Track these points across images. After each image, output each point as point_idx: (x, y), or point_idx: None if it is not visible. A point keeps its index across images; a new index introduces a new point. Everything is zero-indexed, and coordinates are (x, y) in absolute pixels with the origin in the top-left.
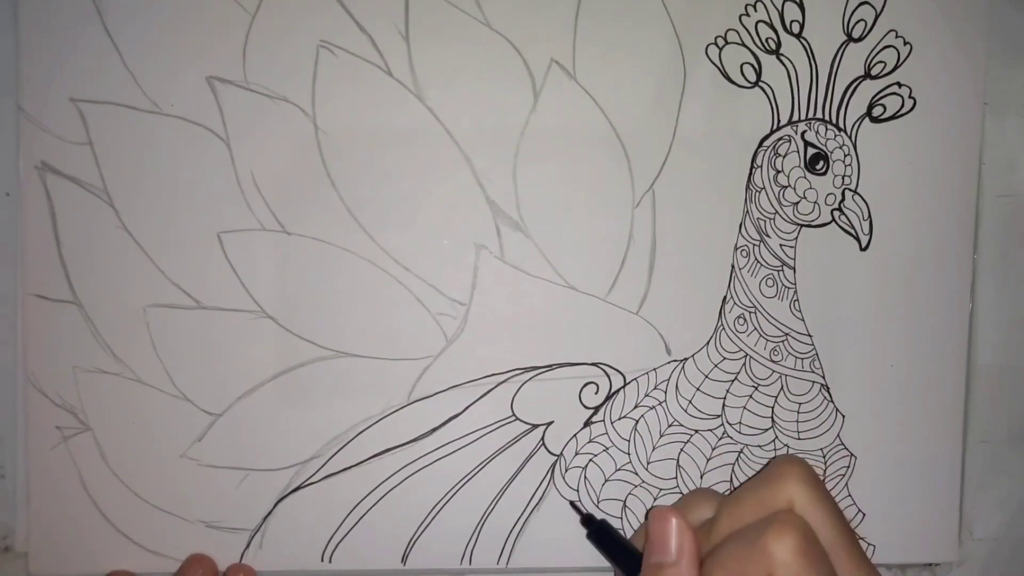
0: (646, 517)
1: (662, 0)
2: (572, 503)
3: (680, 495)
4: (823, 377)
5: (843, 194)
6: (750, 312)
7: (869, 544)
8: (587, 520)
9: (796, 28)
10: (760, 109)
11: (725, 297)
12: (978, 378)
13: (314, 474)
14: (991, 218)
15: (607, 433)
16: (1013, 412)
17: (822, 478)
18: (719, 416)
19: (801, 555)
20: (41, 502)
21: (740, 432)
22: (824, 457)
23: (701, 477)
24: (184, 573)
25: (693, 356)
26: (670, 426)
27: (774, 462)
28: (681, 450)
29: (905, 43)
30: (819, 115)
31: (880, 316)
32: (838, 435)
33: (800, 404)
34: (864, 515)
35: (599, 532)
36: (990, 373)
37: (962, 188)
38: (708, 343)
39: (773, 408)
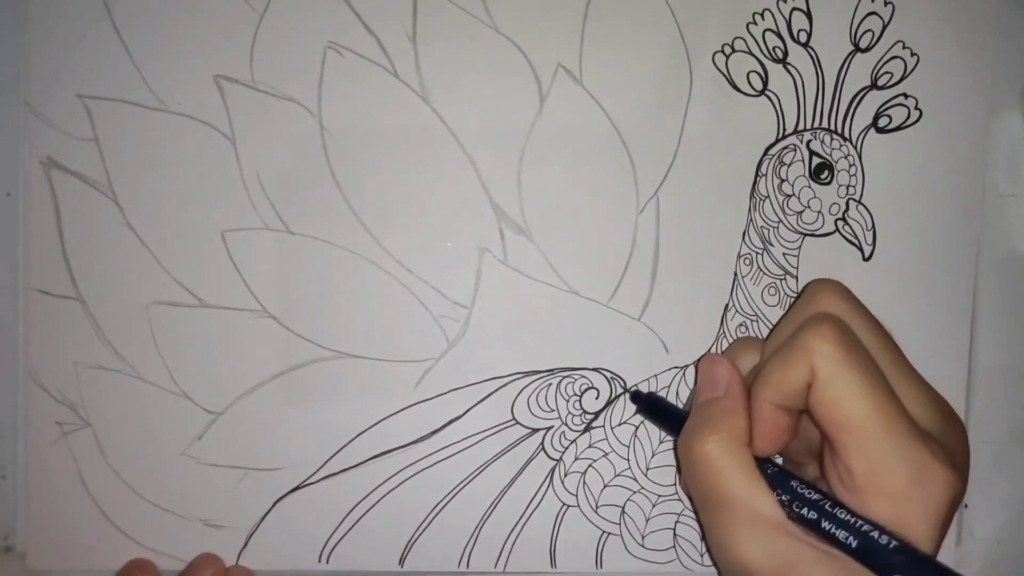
0: (696, 369)
1: (669, 7)
2: (625, 390)
3: (679, 502)
4: None
5: (847, 204)
6: (752, 320)
7: None
8: (635, 396)
9: (803, 37)
10: (766, 117)
11: (727, 305)
12: (979, 379)
13: (313, 474)
14: (993, 217)
15: (607, 439)
16: (1014, 412)
17: None
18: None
19: (840, 345)
20: (39, 497)
21: None
22: None
23: None
24: (193, 571)
25: (695, 363)
26: None
27: (806, 286)
28: None
29: (912, 54)
30: (825, 125)
31: None
32: None
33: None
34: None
35: (649, 404)
36: (991, 374)
37: (967, 200)
38: (709, 350)
39: None
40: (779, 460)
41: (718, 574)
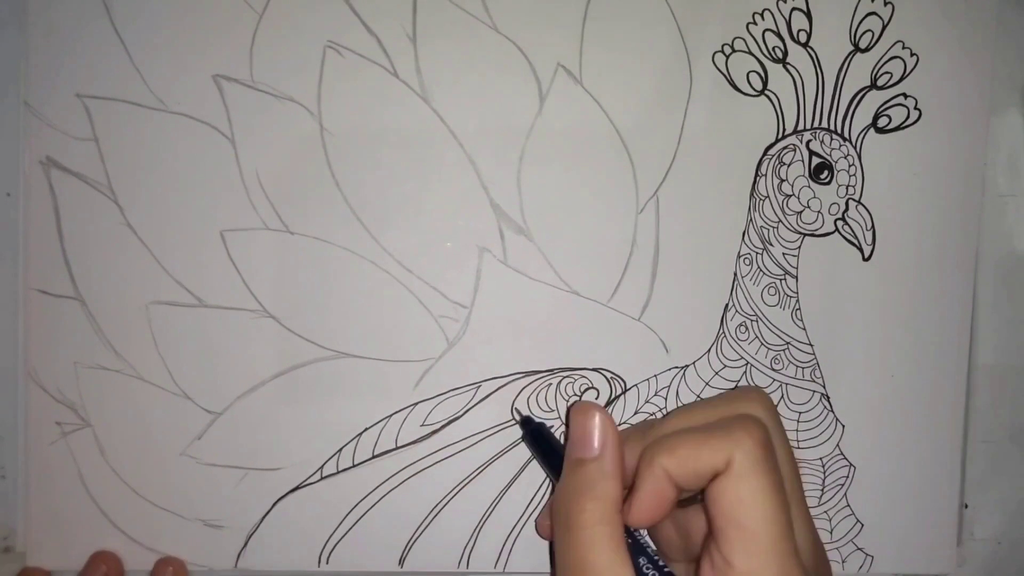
0: (567, 415)
1: (669, 7)
2: (516, 410)
3: None
4: (823, 386)
5: (847, 204)
6: (752, 320)
7: (867, 555)
8: (525, 422)
9: (803, 37)
10: (765, 117)
11: (727, 305)
12: (979, 378)
13: (313, 474)
14: (993, 217)
15: None
16: (1014, 412)
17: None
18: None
19: (764, 449)
20: (39, 497)
21: None
22: (823, 467)
23: None
24: (87, 572)
25: (694, 363)
26: None
27: (735, 388)
28: None
29: (912, 54)
30: (824, 125)
31: (882, 326)
32: (837, 445)
33: (800, 413)
34: (863, 525)
35: (535, 434)
36: (991, 373)
37: (966, 200)
38: (709, 350)
39: None
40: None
41: None
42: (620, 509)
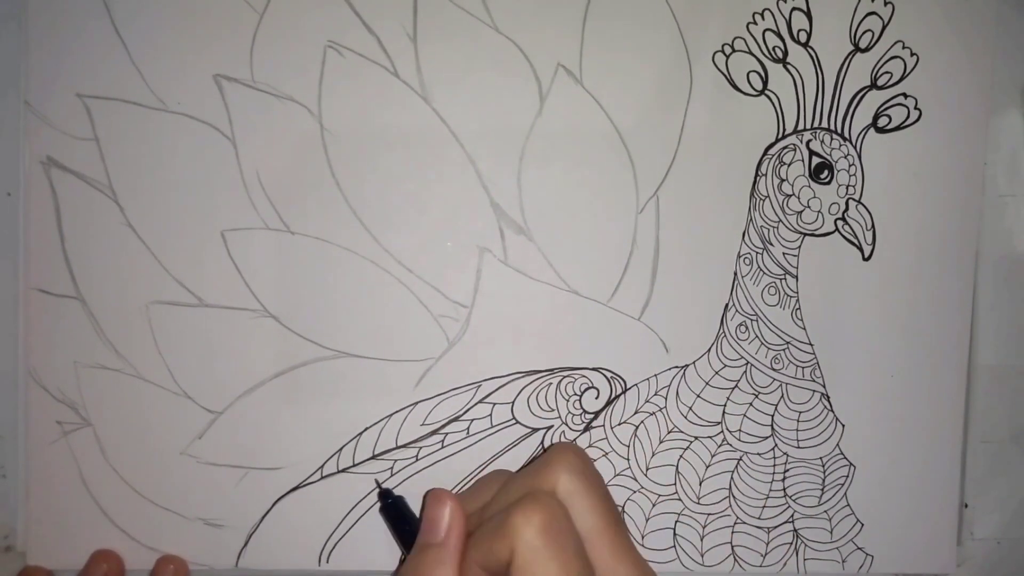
0: (423, 501)
1: (670, 7)
2: (376, 481)
3: (679, 502)
4: (823, 386)
5: (847, 204)
6: (752, 320)
7: (867, 555)
8: (383, 494)
9: (803, 37)
10: (766, 117)
11: (727, 304)
12: (979, 378)
13: (313, 474)
14: (992, 217)
15: (607, 438)
16: (1014, 412)
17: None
18: (719, 423)
19: (542, 533)
20: (40, 496)
21: (740, 440)
22: (823, 467)
23: (700, 484)
24: (88, 571)
25: (694, 363)
26: (670, 432)
27: (549, 448)
28: (680, 457)
29: (912, 54)
30: (824, 124)
31: (882, 326)
32: (837, 444)
33: (800, 413)
34: (863, 525)
35: (391, 507)
36: (991, 373)
37: (966, 199)
38: (709, 350)
39: (773, 416)
40: None
41: None
42: None
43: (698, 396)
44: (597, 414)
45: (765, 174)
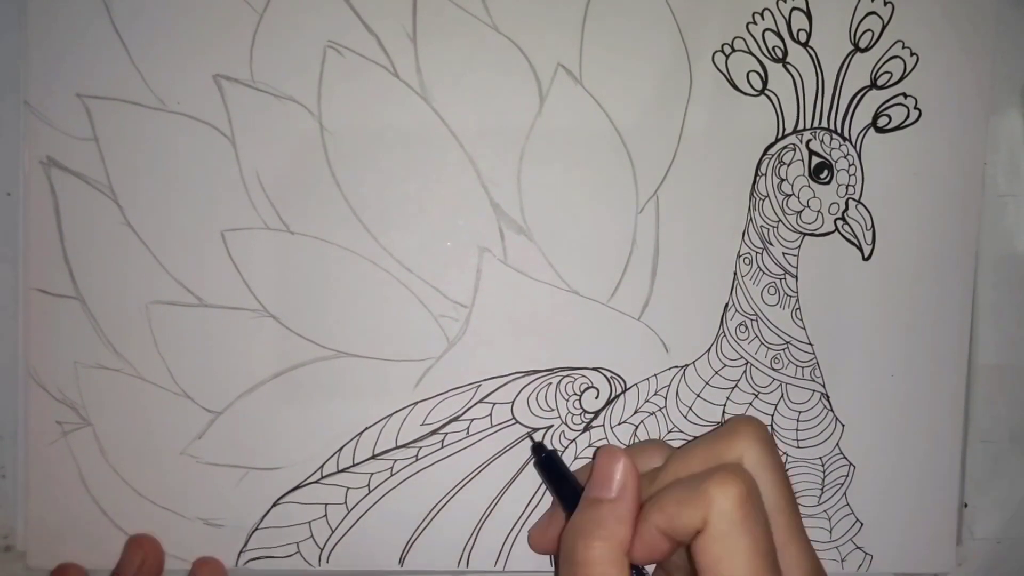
0: (594, 456)
1: (669, 7)
2: (529, 435)
3: None
4: (823, 386)
5: (847, 204)
6: (752, 320)
7: (867, 554)
8: (538, 448)
9: (803, 37)
10: (765, 117)
11: (727, 304)
12: (979, 378)
13: (313, 474)
14: (992, 217)
15: (607, 438)
16: (1014, 412)
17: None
18: (719, 423)
19: (740, 506)
20: (40, 496)
21: None
22: (823, 466)
23: None
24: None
25: (694, 362)
26: (670, 432)
27: (731, 419)
28: None
29: (912, 54)
30: (824, 124)
31: (881, 326)
32: (837, 444)
33: (800, 412)
34: (862, 525)
35: (548, 461)
36: (991, 373)
37: (966, 199)
38: (709, 350)
39: (773, 416)
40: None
41: None
42: (627, 551)
43: (698, 396)
44: (597, 414)
45: (765, 174)
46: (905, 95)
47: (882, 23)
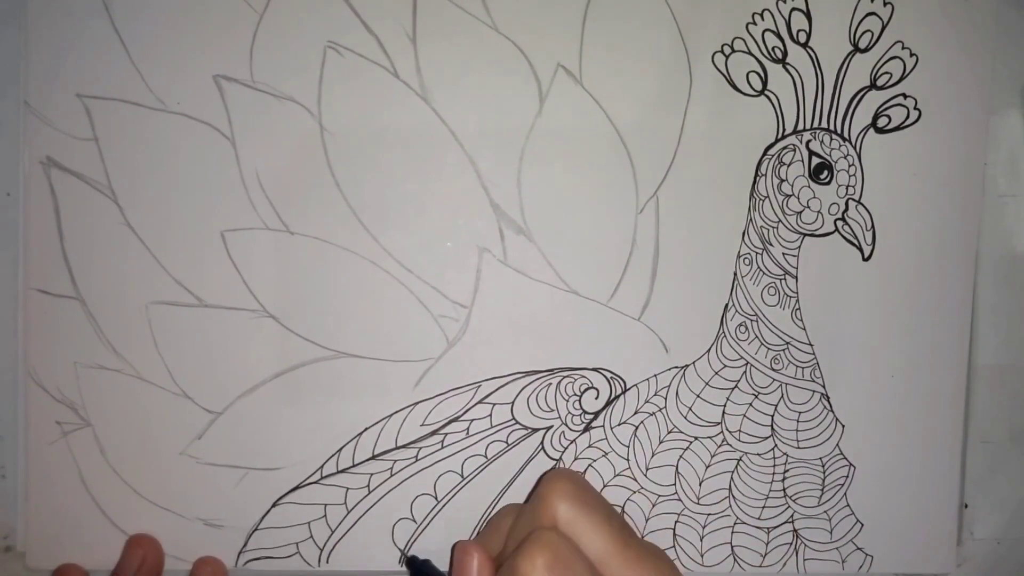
0: (452, 551)
1: (669, 7)
2: (402, 552)
3: (679, 502)
4: (823, 386)
5: (847, 204)
6: (752, 320)
7: (867, 555)
8: (410, 562)
9: (803, 38)
10: (765, 117)
11: (727, 305)
12: (979, 378)
13: (313, 474)
14: (992, 217)
15: (606, 438)
16: (1014, 412)
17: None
18: (719, 423)
19: (549, 572)
20: (39, 497)
21: (740, 440)
22: (823, 467)
23: (700, 484)
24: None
25: (694, 363)
26: (669, 432)
27: (541, 478)
28: (680, 457)
29: (911, 54)
30: (824, 125)
31: (882, 326)
32: (837, 444)
33: (800, 413)
34: (862, 525)
35: (420, 571)
36: (991, 373)
37: (966, 199)
38: (709, 350)
39: (773, 416)
40: None
41: None
42: None
43: (698, 396)
44: (597, 414)
45: (765, 174)
46: (905, 95)
47: (882, 23)
